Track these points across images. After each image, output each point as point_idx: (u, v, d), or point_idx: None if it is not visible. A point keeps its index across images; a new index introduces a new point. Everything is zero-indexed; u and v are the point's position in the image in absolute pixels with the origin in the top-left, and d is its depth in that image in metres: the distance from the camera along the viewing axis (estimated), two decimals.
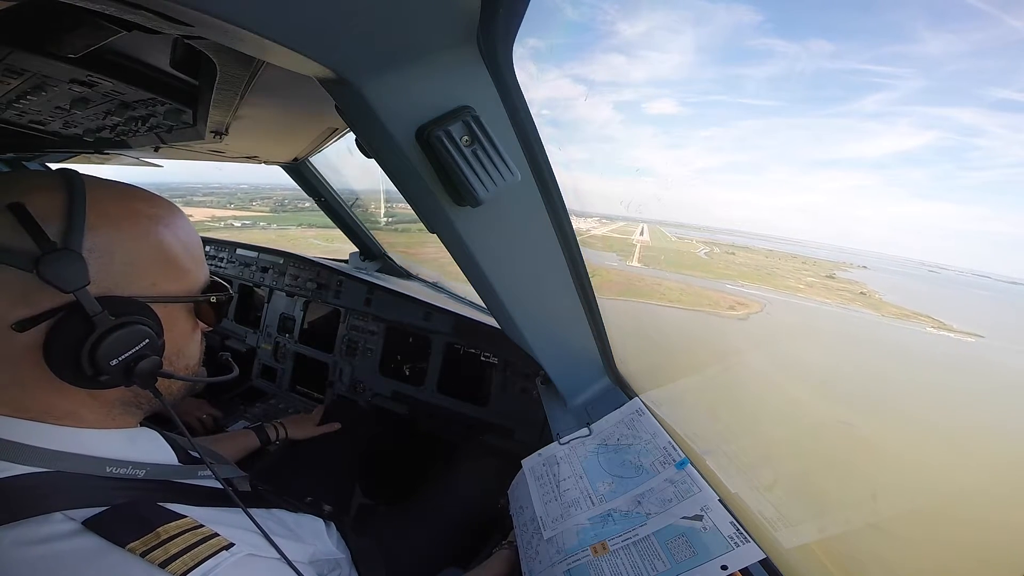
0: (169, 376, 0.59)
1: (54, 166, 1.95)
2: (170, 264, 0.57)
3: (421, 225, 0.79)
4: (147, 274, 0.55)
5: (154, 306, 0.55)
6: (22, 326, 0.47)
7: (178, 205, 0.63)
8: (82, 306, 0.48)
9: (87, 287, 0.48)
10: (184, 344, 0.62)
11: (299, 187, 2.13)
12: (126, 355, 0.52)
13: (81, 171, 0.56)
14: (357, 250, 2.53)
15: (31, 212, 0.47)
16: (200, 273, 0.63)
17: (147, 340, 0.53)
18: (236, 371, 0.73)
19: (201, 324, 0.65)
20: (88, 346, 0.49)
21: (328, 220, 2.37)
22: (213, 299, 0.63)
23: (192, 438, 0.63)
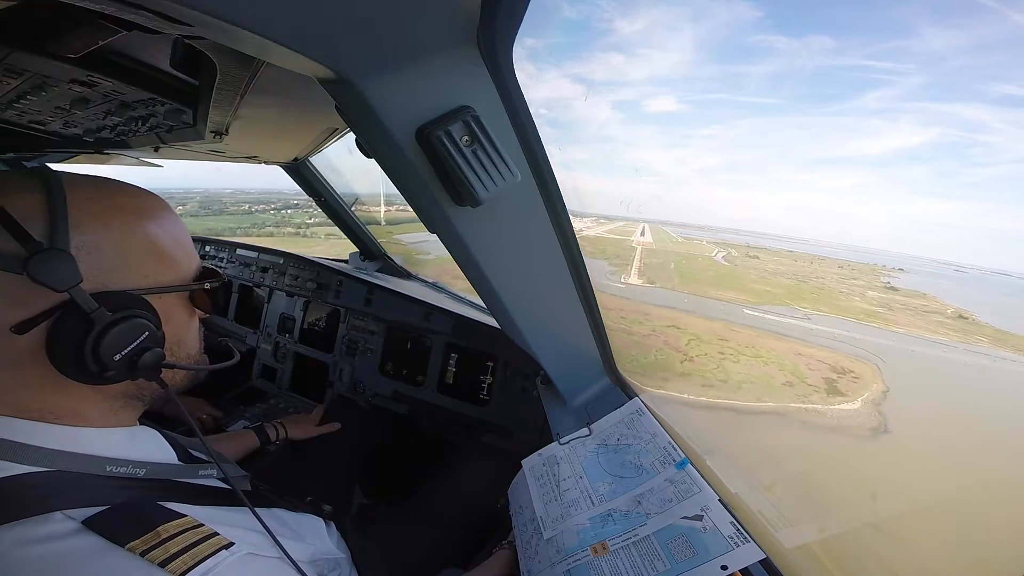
0: (173, 367, 0.59)
1: (54, 166, 1.95)
2: (161, 255, 0.57)
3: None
4: (139, 267, 0.55)
5: (150, 298, 0.55)
6: (21, 328, 0.47)
7: None
8: (78, 304, 0.48)
9: (80, 284, 0.48)
10: (183, 333, 0.63)
11: (300, 187, 2.13)
12: (129, 349, 0.52)
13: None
14: (357, 250, 2.54)
15: (11, 214, 0.47)
16: (191, 261, 0.63)
17: (147, 332, 0.54)
18: (237, 356, 0.73)
19: (198, 311, 0.65)
20: (90, 343, 0.49)
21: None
22: (207, 286, 0.63)
23: (195, 437, 0.63)
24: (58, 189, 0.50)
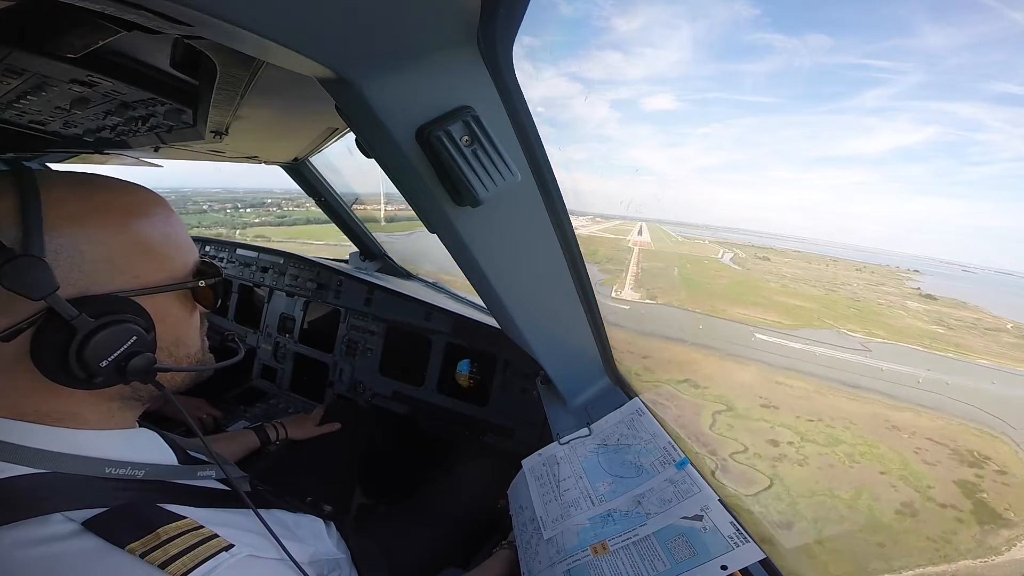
0: (166, 370, 0.57)
1: (54, 166, 1.95)
2: (150, 254, 0.55)
3: None
4: (127, 268, 0.53)
5: (141, 299, 0.54)
6: (4, 336, 0.46)
7: None
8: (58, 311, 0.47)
9: (58, 291, 0.46)
10: (182, 332, 0.61)
11: (300, 187, 2.13)
12: (115, 355, 0.51)
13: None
14: (357, 250, 2.54)
15: None
16: (187, 258, 0.61)
17: (135, 337, 0.52)
18: (242, 353, 0.72)
19: (199, 307, 0.63)
20: (73, 351, 0.48)
21: None
22: (202, 284, 0.61)
23: (193, 439, 0.62)
24: (31, 191, 0.48)
